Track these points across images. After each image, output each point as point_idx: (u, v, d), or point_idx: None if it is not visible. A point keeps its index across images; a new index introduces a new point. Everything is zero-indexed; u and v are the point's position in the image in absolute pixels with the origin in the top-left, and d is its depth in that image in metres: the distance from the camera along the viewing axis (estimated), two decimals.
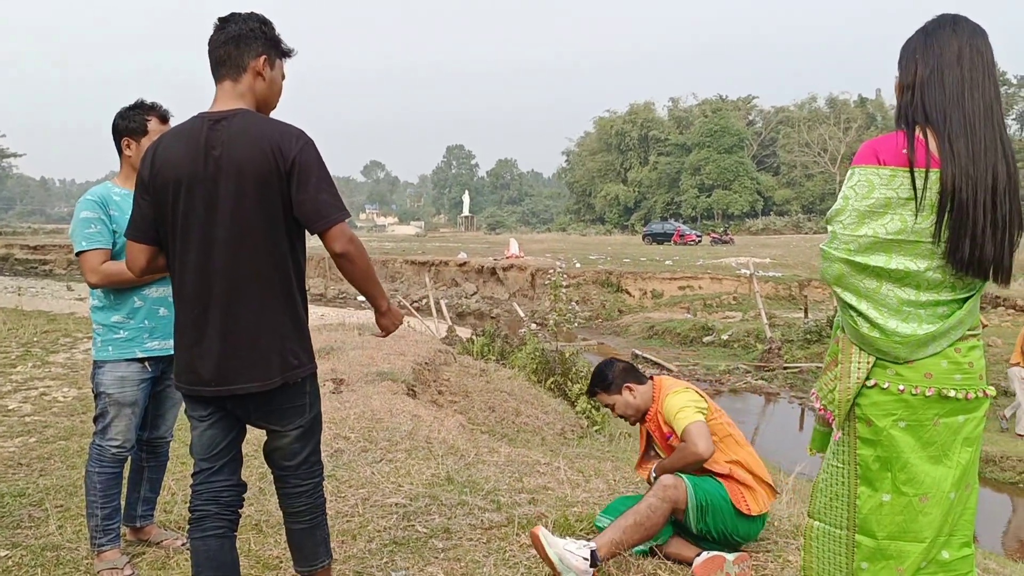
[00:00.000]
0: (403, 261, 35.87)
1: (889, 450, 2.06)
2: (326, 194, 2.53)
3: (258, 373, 2.54)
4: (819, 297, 24.10)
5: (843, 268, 2.05)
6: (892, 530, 2.08)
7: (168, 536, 3.75)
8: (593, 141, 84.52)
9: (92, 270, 3.31)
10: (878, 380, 2.06)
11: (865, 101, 76.95)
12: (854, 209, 2.04)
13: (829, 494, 2.21)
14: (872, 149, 2.05)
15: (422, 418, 6.24)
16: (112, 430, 3.40)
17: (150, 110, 3.48)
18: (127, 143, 3.45)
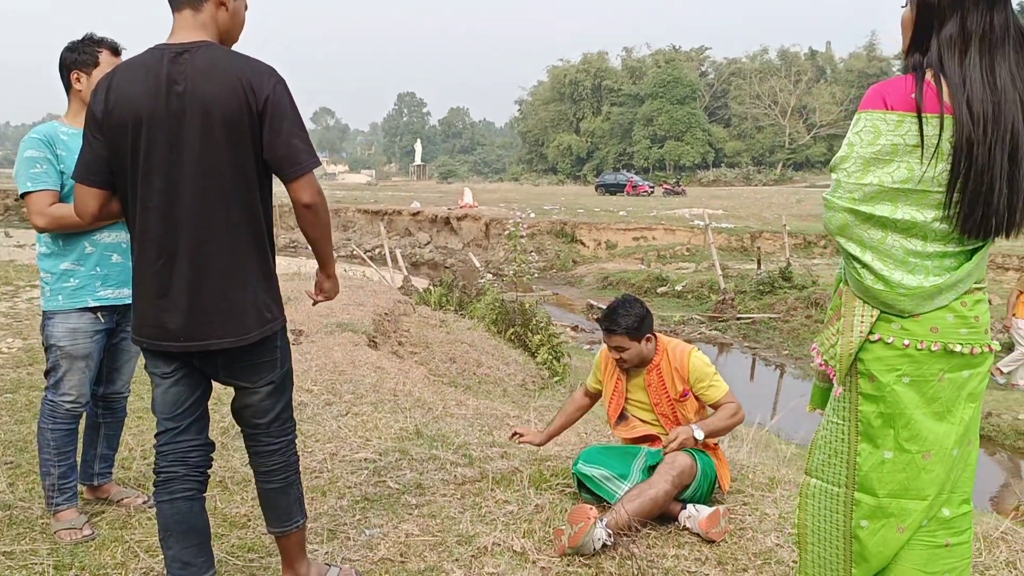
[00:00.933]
0: (355, 210, 35.33)
1: (892, 406, 1.99)
2: (298, 139, 2.35)
3: (232, 327, 2.37)
4: (771, 248, 24.37)
5: (847, 218, 1.95)
6: (894, 488, 2.02)
7: (128, 494, 3.59)
8: (546, 90, 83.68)
9: (39, 212, 3.08)
10: (882, 334, 1.99)
11: (815, 54, 77.33)
12: (859, 156, 1.93)
13: (828, 451, 2.15)
14: (879, 93, 1.94)
15: (386, 370, 6.12)
16: (65, 384, 3.21)
17: (100, 43, 3.25)
18: (76, 76, 3.21)
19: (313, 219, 2.41)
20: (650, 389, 3.72)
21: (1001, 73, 1.88)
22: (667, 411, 3.70)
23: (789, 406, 7.33)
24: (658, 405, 3.71)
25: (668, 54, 77.57)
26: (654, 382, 3.71)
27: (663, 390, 3.69)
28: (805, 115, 70.13)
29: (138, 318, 2.44)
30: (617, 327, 3.63)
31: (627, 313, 3.64)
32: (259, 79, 2.30)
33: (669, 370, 3.68)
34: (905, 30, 2.06)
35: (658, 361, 3.71)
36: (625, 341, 3.64)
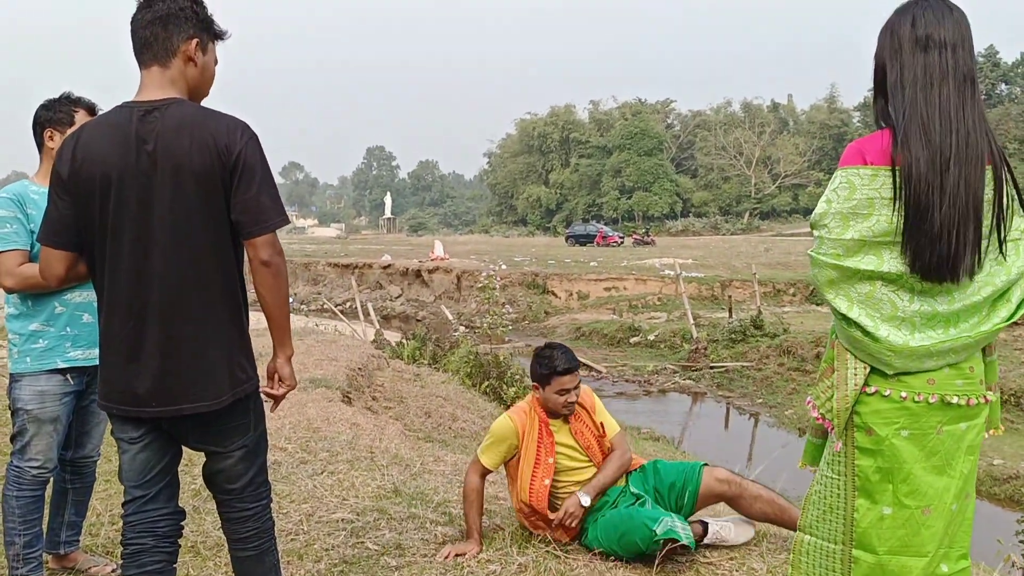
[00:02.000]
0: (326, 264, 35.20)
1: (891, 460, 1.97)
2: (267, 196, 2.29)
3: (205, 391, 2.29)
4: (741, 297, 24.59)
5: (833, 273, 1.96)
6: (893, 544, 1.99)
7: (96, 562, 3.46)
8: (514, 143, 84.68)
9: (8, 273, 3.00)
10: (879, 387, 1.97)
11: (778, 107, 79.22)
12: (837, 212, 1.95)
13: (822, 506, 2.11)
14: (858, 150, 1.98)
15: (361, 427, 6.01)
16: (32, 449, 3.10)
17: (77, 102, 3.22)
18: (49, 134, 3.16)
19: (271, 280, 2.31)
20: (578, 436, 3.70)
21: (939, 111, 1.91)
22: (596, 450, 3.71)
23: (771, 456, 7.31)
24: (589, 448, 3.70)
25: (635, 107, 79.02)
26: (581, 427, 3.71)
27: (592, 431, 3.72)
28: (770, 165, 71.51)
29: (105, 383, 2.35)
30: (572, 364, 3.63)
31: (565, 352, 3.67)
32: (231, 135, 2.26)
33: (584, 410, 3.74)
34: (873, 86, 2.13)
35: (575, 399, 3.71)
36: (578, 379, 3.67)
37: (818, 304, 25.31)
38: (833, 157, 72.22)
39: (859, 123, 73.59)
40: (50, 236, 2.35)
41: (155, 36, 2.31)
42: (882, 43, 2.02)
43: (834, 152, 72.69)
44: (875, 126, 2.07)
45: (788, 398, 15.39)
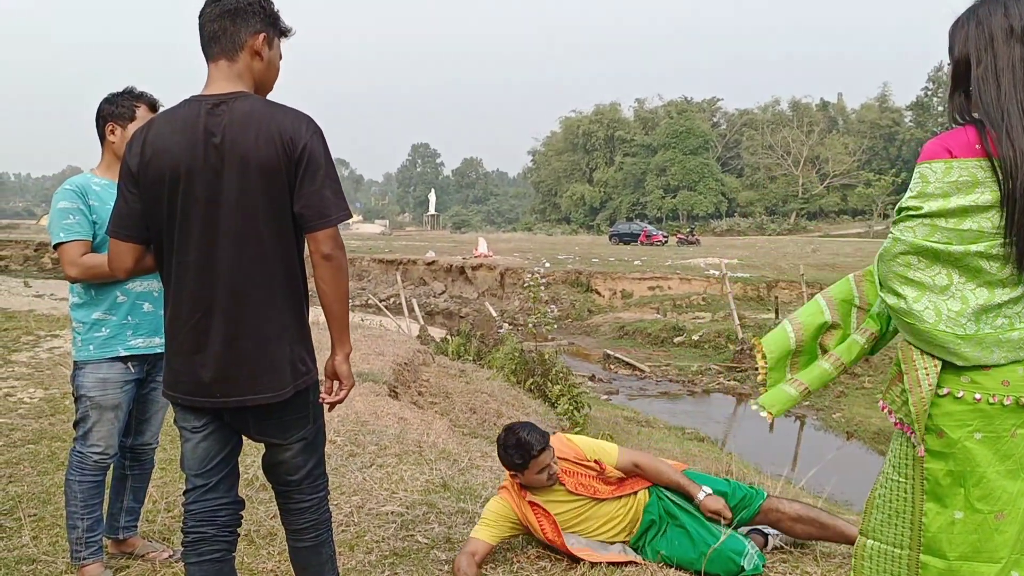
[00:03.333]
0: (370, 259, 35.48)
1: (963, 464, 1.92)
2: (330, 190, 2.30)
3: (270, 383, 2.32)
4: (787, 298, 24.24)
5: (911, 258, 1.90)
6: (965, 550, 1.94)
7: (154, 548, 3.53)
8: (559, 141, 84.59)
9: (71, 263, 3.08)
10: (951, 388, 1.92)
11: (827, 105, 78.00)
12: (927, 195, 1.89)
13: (888, 511, 2.07)
14: (943, 145, 1.92)
15: (408, 421, 6.06)
16: (94, 435, 3.17)
17: (139, 97, 3.26)
18: (111, 128, 3.21)
19: (331, 274, 2.32)
20: (579, 490, 3.55)
21: None
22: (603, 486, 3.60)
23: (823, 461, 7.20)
24: (596, 492, 3.57)
25: (680, 105, 78.41)
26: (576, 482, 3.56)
27: (587, 474, 3.60)
28: (818, 165, 70.46)
29: (170, 372, 2.39)
30: (542, 445, 3.41)
31: (531, 431, 3.43)
32: (297, 128, 2.28)
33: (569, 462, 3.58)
34: (950, 81, 2.07)
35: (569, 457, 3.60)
36: (549, 457, 3.44)
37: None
38: (883, 157, 71.03)
39: (911, 123, 72.19)
40: (119, 229, 2.39)
41: (223, 30, 2.33)
42: (966, 35, 1.96)
43: (884, 152, 71.47)
44: (950, 123, 2.01)
45: (836, 401, 15.13)
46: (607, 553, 3.50)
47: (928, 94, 72.58)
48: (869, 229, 57.99)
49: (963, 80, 1.99)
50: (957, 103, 2.00)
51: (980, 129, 1.90)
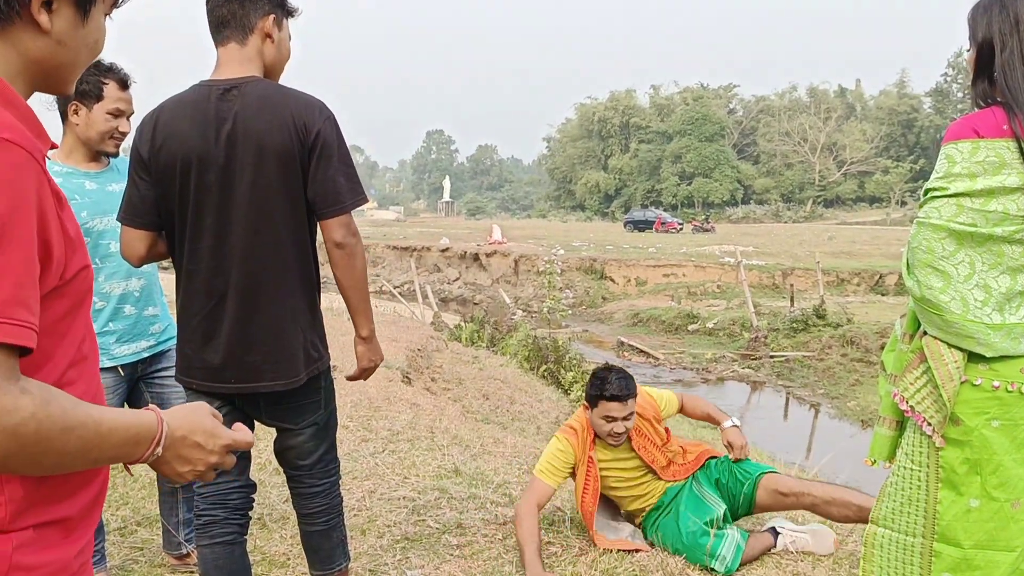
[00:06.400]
0: (384, 246, 35.55)
1: (980, 451, 1.90)
2: (343, 176, 2.29)
3: (283, 370, 2.32)
4: (803, 286, 24.12)
5: (937, 245, 1.87)
6: (981, 538, 1.92)
7: None
8: (574, 128, 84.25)
9: None
10: (969, 376, 1.91)
11: (845, 92, 77.30)
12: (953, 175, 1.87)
13: (900, 499, 2.05)
14: (970, 126, 1.90)
15: (421, 406, 6.07)
16: None
17: (108, 72, 2.79)
18: (75, 108, 2.78)
19: (345, 261, 2.31)
20: (641, 452, 3.47)
21: None
22: (660, 459, 3.53)
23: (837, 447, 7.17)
24: (653, 461, 3.50)
25: (696, 92, 77.87)
26: (643, 442, 3.49)
27: (655, 445, 3.53)
28: (835, 152, 69.90)
29: (183, 358, 2.40)
30: (627, 391, 3.31)
31: (623, 374, 3.35)
32: (310, 114, 2.26)
33: (646, 420, 3.51)
34: (970, 66, 2.04)
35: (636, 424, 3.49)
36: (632, 406, 3.35)
37: (883, 294, 24.70)
38: (902, 144, 70.40)
39: (930, 109, 71.42)
40: (131, 216, 2.37)
41: (232, 13, 2.30)
42: (989, 20, 1.93)
43: (903, 139, 70.81)
44: (972, 109, 1.99)
45: (851, 389, 15.04)
46: (617, 539, 3.49)
47: (947, 80, 71.80)
48: (887, 217, 57.50)
49: (987, 65, 1.96)
50: (980, 89, 1.98)
51: (1008, 110, 1.88)
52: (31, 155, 0.99)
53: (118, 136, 2.87)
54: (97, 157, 2.92)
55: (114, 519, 3.76)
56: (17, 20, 1.06)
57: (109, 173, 2.94)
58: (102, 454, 1.05)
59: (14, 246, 0.94)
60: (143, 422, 1.11)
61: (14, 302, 0.93)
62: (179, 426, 1.16)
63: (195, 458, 1.18)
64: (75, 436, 0.99)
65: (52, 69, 1.13)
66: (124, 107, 2.86)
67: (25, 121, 1.08)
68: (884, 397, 2.19)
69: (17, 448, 0.94)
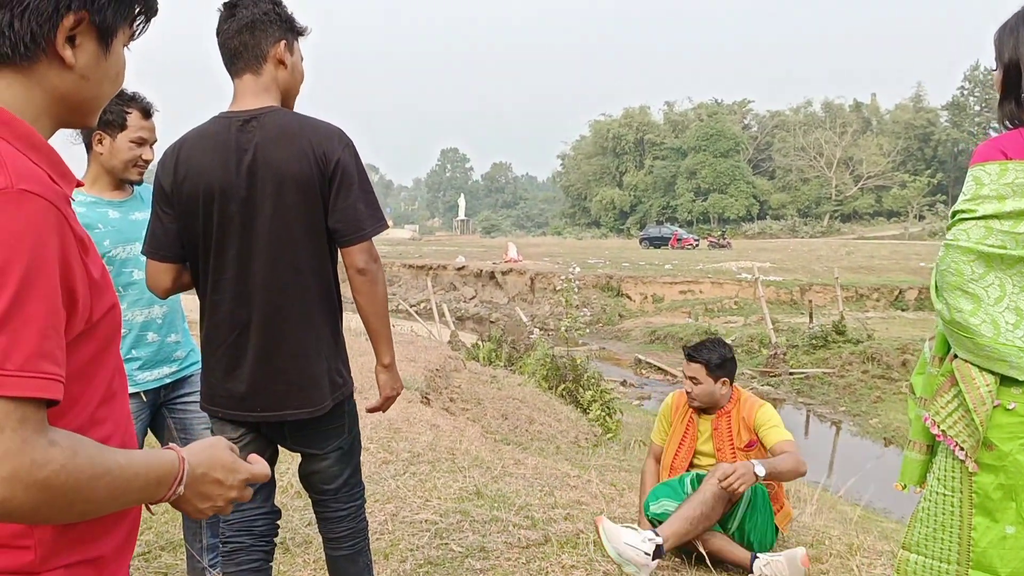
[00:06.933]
0: (400, 265, 35.65)
1: (1015, 477, 1.87)
2: (363, 203, 2.31)
3: (307, 398, 2.34)
4: (821, 302, 23.96)
5: (966, 269, 1.85)
6: (1017, 566, 1.89)
7: None
8: (588, 144, 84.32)
9: None
10: (1002, 400, 1.88)
11: (860, 106, 77.04)
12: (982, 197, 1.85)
13: (932, 524, 2.02)
14: (998, 147, 1.88)
15: (441, 428, 6.06)
16: None
17: (131, 101, 2.84)
18: (99, 138, 2.83)
19: (367, 287, 2.33)
20: (715, 434, 3.72)
21: None
22: (728, 458, 3.66)
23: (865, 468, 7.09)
24: (720, 451, 3.69)
25: (710, 107, 77.81)
26: (721, 427, 3.71)
27: (728, 437, 3.68)
28: (852, 167, 69.59)
29: (209, 387, 2.42)
30: (698, 355, 3.71)
31: (712, 348, 3.74)
32: (329, 143, 2.28)
33: (738, 418, 3.71)
34: (997, 87, 2.03)
35: (729, 409, 3.74)
36: (701, 373, 3.68)
37: (903, 310, 24.50)
38: (919, 158, 70.01)
39: (947, 123, 71.05)
40: (156, 249, 2.39)
41: (244, 44, 2.31)
42: (1016, 42, 1.92)
43: (920, 153, 70.42)
44: (1000, 127, 1.97)
45: (872, 406, 14.91)
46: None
47: (964, 94, 71.43)
48: (905, 231, 57.13)
49: (1014, 86, 1.94)
50: (1008, 110, 1.97)
51: None
52: (52, 204, 0.99)
53: (142, 164, 2.91)
54: (121, 185, 2.95)
55: (138, 544, 3.75)
56: (42, 57, 1.07)
57: (132, 202, 2.97)
58: (127, 497, 1.07)
59: (37, 299, 0.95)
60: (164, 463, 1.12)
61: (39, 355, 0.95)
62: (199, 463, 1.17)
63: (215, 494, 1.20)
64: (103, 483, 1.00)
65: (77, 104, 1.14)
66: (147, 135, 2.90)
67: (50, 164, 1.09)
68: (914, 421, 2.17)
69: (48, 500, 0.95)
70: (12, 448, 0.91)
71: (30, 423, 0.93)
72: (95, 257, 1.11)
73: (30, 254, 0.95)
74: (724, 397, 3.75)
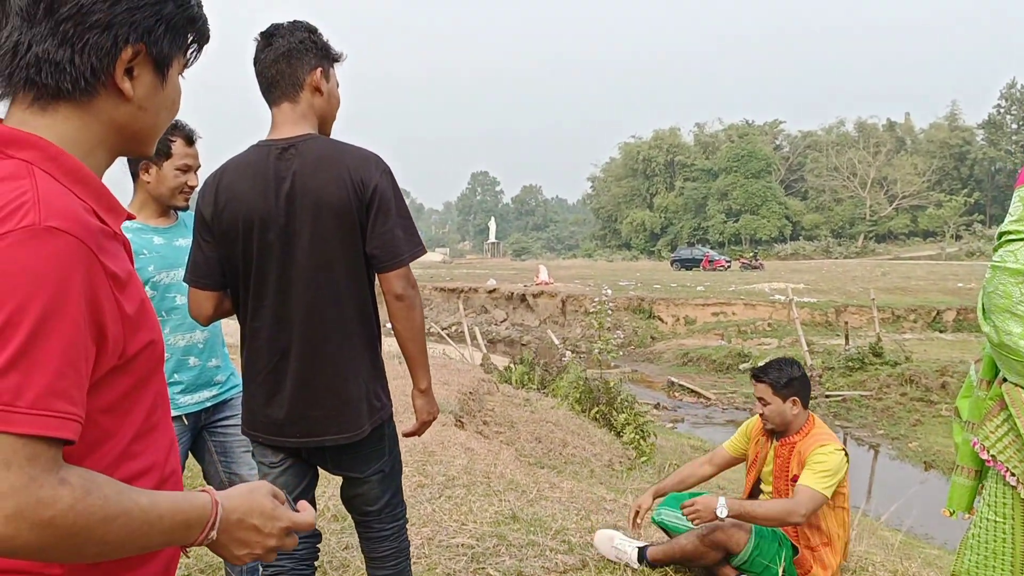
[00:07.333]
0: (432, 288, 35.79)
1: None
2: (401, 228, 2.32)
3: (347, 423, 2.35)
4: (857, 323, 23.64)
5: (1014, 289, 1.82)
6: None
7: None
8: (618, 167, 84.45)
9: None
10: None
11: (894, 125, 76.38)
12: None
13: (984, 552, 1.98)
14: None
15: (475, 451, 6.05)
16: None
17: (175, 129, 2.91)
18: (145, 166, 2.88)
19: (405, 313, 2.34)
20: (777, 461, 3.66)
21: None
22: (782, 489, 3.61)
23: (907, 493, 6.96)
24: (776, 479, 3.64)
25: (741, 128, 77.65)
26: (782, 455, 3.64)
27: (785, 467, 3.61)
28: (886, 186, 68.91)
29: (249, 412, 2.44)
30: (764, 375, 3.65)
31: (779, 368, 3.66)
32: (366, 169, 2.30)
33: (798, 451, 3.60)
34: None
35: (795, 439, 3.63)
36: (768, 393, 3.61)
37: (942, 331, 24.09)
38: (955, 177, 69.20)
39: (983, 141, 70.15)
40: (198, 278, 2.42)
41: (281, 73, 2.34)
42: None
43: (955, 172, 69.61)
44: None
45: (912, 429, 14.65)
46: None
47: (1001, 112, 70.59)
48: (942, 251, 56.32)
49: None
50: None
51: None
52: (80, 241, 0.99)
53: (187, 190, 2.97)
54: (167, 212, 3.01)
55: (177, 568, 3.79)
56: (101, 91, 1.09)
57: (177, 228, 3.03)
58: (150, 541, 1.03)
59: (53, 338, 0.94)
60: (196, 506, 1.09)
61: (52, 394, 0.94)
62: (235, 508, 1.14)
63: (252, 541, 1.16)
64: (117, 525, 0.97)
65: (134, 134, 1.16)
66: (191, 162, 2.96)
67: (97, 198, 1.10)
68: (961, 445, 2.13)
69: (55, 540, 0.93)
70: (18, 485, 0.90)
71: (39, 461, 0.92)
72: (133, 291, 1.10)
73: (50, 292, 0.94)
74: (797, 419, 3.62)
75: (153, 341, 1.13)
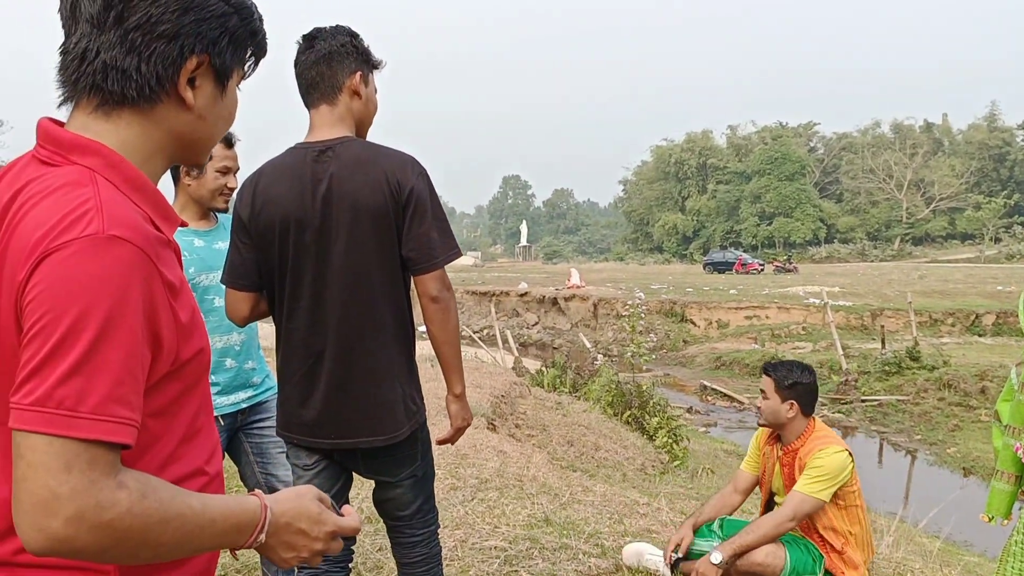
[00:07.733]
0: (464, 291, 35.85)
1: None
2: (436, 231, 2.32)
3: (382, 426, 2.36)
4: (894, 327, 23.31)
5: None
6: None
7: None
8: (650, 170, 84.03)
9: None
10: None
11: (931, 126, 75.21)
12: None
13: None
14: None
15: (508, 454, 6.06)
16: None
17: None
18: (187, 170, 2.95)
19: (440, 315, 2.34)
20: (784, 471, 3.64)
21: None
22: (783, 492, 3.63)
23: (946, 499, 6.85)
24: (788, 489, 3.60)
25: (775, 131, 76.87)
26: (787, 464, 3.61)
27: (791, 476, 3.59)
28: (923, 188, 67.86)
29: (284, 414, 2.45)
30: (771, 370, 3.66)
31: (789, 368, 3.65)
32: (403, 171, 2.30)
33: (800, 456, 3.58)
34: None
35: (797, 446, 3.60)
36: (770, 388, 3.61)
37: (980, 335, 23.68)
38: (994, 179, 67.90)
39: (1023, 142, 68.78)
40: (235, 279, 2.44)
41: (320, 75, 2.36)
42: None
43: (995, 174, 68.34)
44: None
45: (950, 435, 14.41)
46: None
47: None
48: (980, 254, 55.34)
49: None
50: None
51: None
52: (141, 250, 1.01)
53: (226, 192, 3.02)
54: (207, 215, 3.06)
55: None
56: (164, 99, 1.12)
57: (217, 231, 3.07)
58: (202, 543, 1.05)
59: (114, 345, 0.97)
60: (246, 509, 1.11)
61: (113, 400, 0.96)
62: (283, 512, 1.15)
63: (300, 544, 1.17)
64: (173, 528, 0.99)
65: (191, 143, 1.19)
66: (231, 164, 3.01)
67: (154, 206, 1.12)
68: (1002, 450, 2.10)
69: (114, 542, 0.95)
70: (79, 488, 0.92)
71: (99, 465, 0.94)
72: (185, 300, 1.12)
73: (113, 299, 0.97)
74: (793, 423, 3.60)
75: (203, 349, 1.16)
